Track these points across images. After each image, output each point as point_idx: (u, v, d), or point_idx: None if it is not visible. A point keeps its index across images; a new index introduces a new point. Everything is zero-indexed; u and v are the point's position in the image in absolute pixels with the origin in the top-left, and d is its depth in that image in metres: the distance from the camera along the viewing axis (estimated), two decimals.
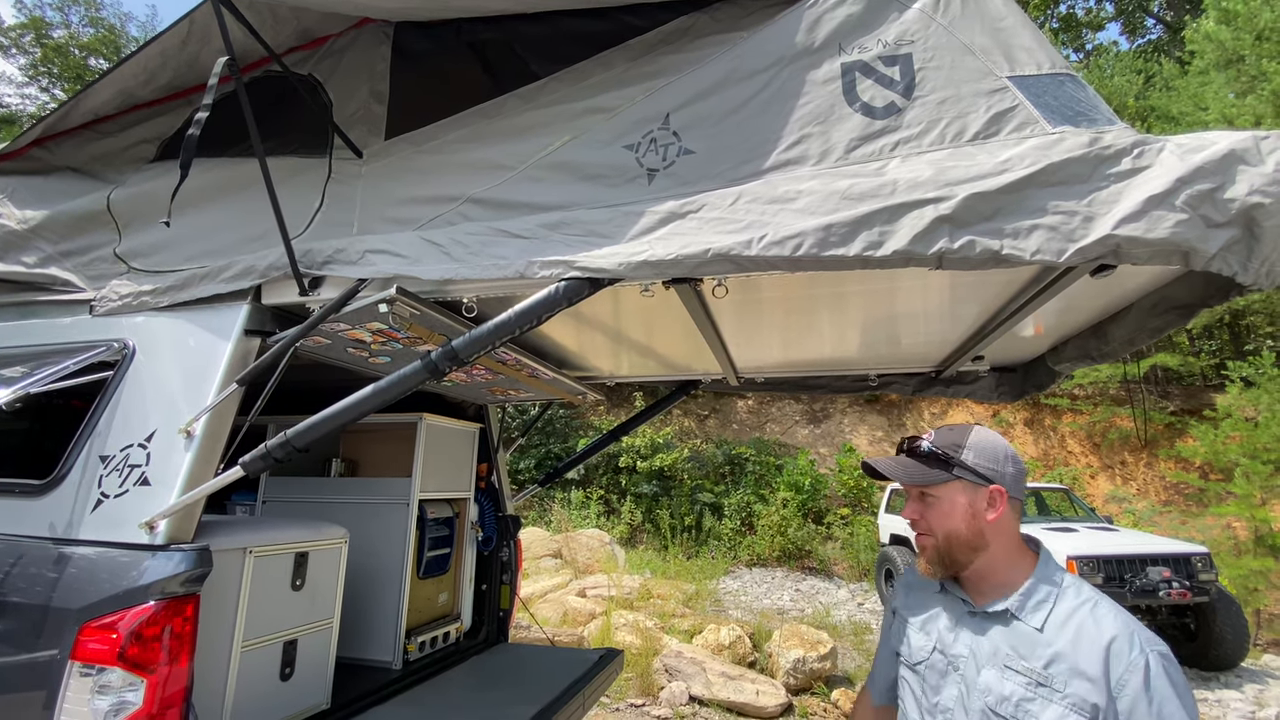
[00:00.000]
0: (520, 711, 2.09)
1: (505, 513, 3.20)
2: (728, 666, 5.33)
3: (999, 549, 1.16)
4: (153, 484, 1.58)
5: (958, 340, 2.33)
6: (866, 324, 2.21)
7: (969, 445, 1.19)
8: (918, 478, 1.21)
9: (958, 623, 1.20)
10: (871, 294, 1.91)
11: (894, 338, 2.35)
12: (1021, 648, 1.09)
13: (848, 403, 15.98)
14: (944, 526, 1.18)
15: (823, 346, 2.51)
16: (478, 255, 1.59)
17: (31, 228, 2.26)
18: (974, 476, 1.17)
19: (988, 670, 1.12)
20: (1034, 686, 1.05)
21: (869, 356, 2.61)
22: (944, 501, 1.18)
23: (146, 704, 1.38)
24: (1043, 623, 1.09)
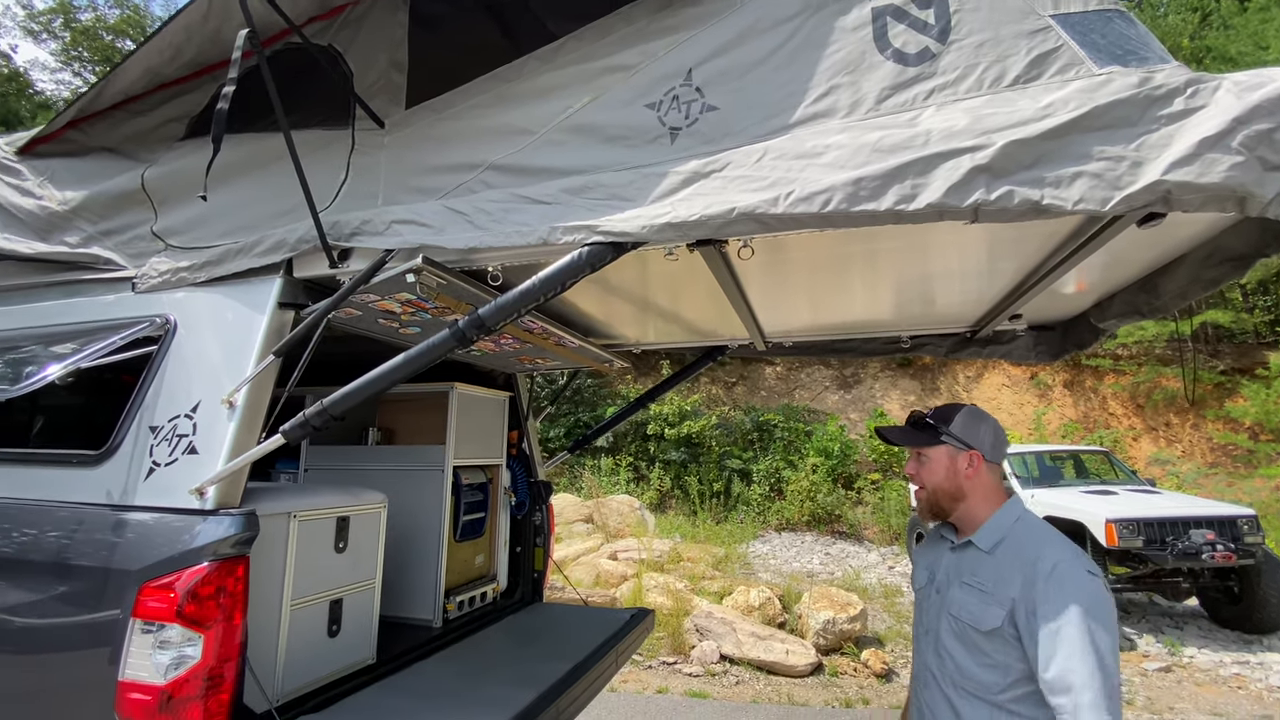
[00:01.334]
0: (555, 668, 2.16)
1: (536, 478, 3.26)
2: (757, 627, 5.42)
3: (976, 499, 1.46)
4: (200, 452, 1.64)
5: (994, 298, 2.26)
6: (898, 283, 2.15)
7: (957, 418, 1.49)
8: (913, 441, 1.54)
9: (944, 557, 1.52)
10: (904, 251, 1.86)
11: (927, 297, 2.28)
12: (976, 568, 1.40)
13: (879, 368, 15.74)
14: (931, 481, 1.49)
15: (852, 308, 2.46)
16: (501, 223, 1.59)
17: (72, 208, 2.32)
18: (956, 442, 1.47)
19: (953, 587, 1.43)
20: (979, 594, 1.36)
21: (901, 317, 2.55)
22: (932, 461, 1.49)
23: (205, 657, 1.46)
24: (992, 547, 1.40)
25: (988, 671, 1.32)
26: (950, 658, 1.39)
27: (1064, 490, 7.32)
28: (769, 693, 4.65)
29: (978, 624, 1.32)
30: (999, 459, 1.49)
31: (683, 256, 1.59)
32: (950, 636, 1.39)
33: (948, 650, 1.40)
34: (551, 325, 2.33)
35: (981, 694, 1.33)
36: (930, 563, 1.57)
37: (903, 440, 1.56)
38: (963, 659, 1.36)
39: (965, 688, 1.35)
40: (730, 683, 4.84)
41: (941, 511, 1.50)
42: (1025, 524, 1.42)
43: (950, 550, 1.50)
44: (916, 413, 1.59)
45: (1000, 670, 1.30)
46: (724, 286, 1.93)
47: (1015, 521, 1.42)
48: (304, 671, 1.87)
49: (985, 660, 1.32)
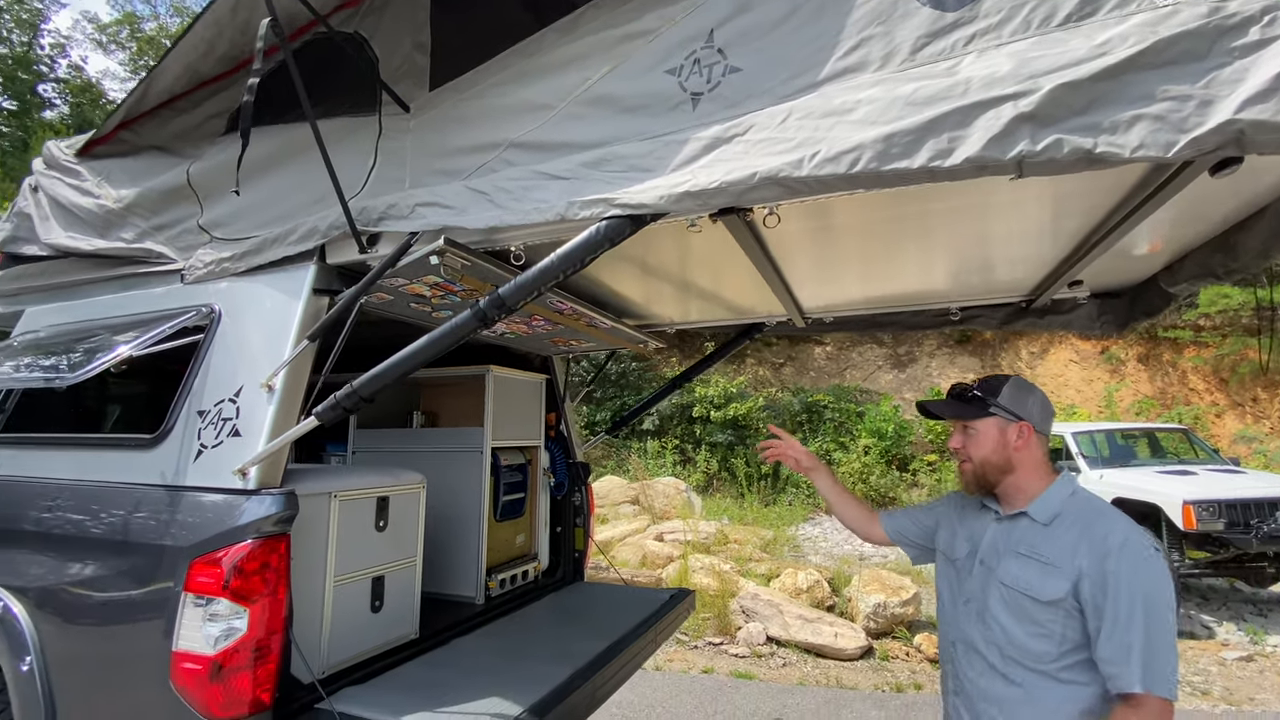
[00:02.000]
0: (592, 645, 2.18)
1: (575, 460, 3.28)
2: (805, 609, 5.35)
3: (1024, 471, 1.44)
4: (243, 434, 1.71)
5: (1051, 263, 2.10)
6: (945, 249, 2.02)
7: (1005, 389, 1.47)
8: (959, 414, 1.52)
9: (988, 528, 1.50)
10: (951, 214, 1.74)
11: (977, 263, 2.15)
12: (1033, 540, 1.39)
13: (935, 345, 15.15)
14: (980, 454, 1.47)
15: (896, 279, 2.34)
16: (520, 201, 1.57)
17: (126, 206, 2.43)
18: (1006, 414, 1.45)
19: (1006, 559, 1.42)
20: (1039, 565, 1.35)
21: (949, 287, 2.41)
22: (980, 434, 1.47)
23: (251, 630, 1.52)
24: (1050, 520, 1.39)
25: (1039, 641, 1.33)
26: (998, 625, 1.40)
27: (1137, 470, 6.89)
28: (816, 675, 4.59)
29: (1037, 594, 1.33)
30: (1047, 430, 1.49)
31: (707, 228, 1.54)
32: (1000, 606, 1.40)
33: (996, 620, 1.40)
34: (581, 306, 2.31)
35: (1029, 662, 1.34)
36: (971, 534, 1.55)
37: (948, 413, 1.55)
38: (1013, 628, 1.37)
39: (1012, 655, 1.37)
40: (777, 664, 4.80)
41: (988, 485, 1.48)
42: (1082, 498, 1.42)
43: (995, 521, 1.49)
44: (961, 385, 1.57)
45: (1054, 640, 1.32)
46: (754, 260, 1.86)
47: (1071, 495, 1.42)
48: (349, 645, 1.94)
49: (1037, 630, 1.33)
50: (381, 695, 1.77)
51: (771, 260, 1.92)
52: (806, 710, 3.96)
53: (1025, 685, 1.34)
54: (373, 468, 2.24)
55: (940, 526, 1.67)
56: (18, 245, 2.75)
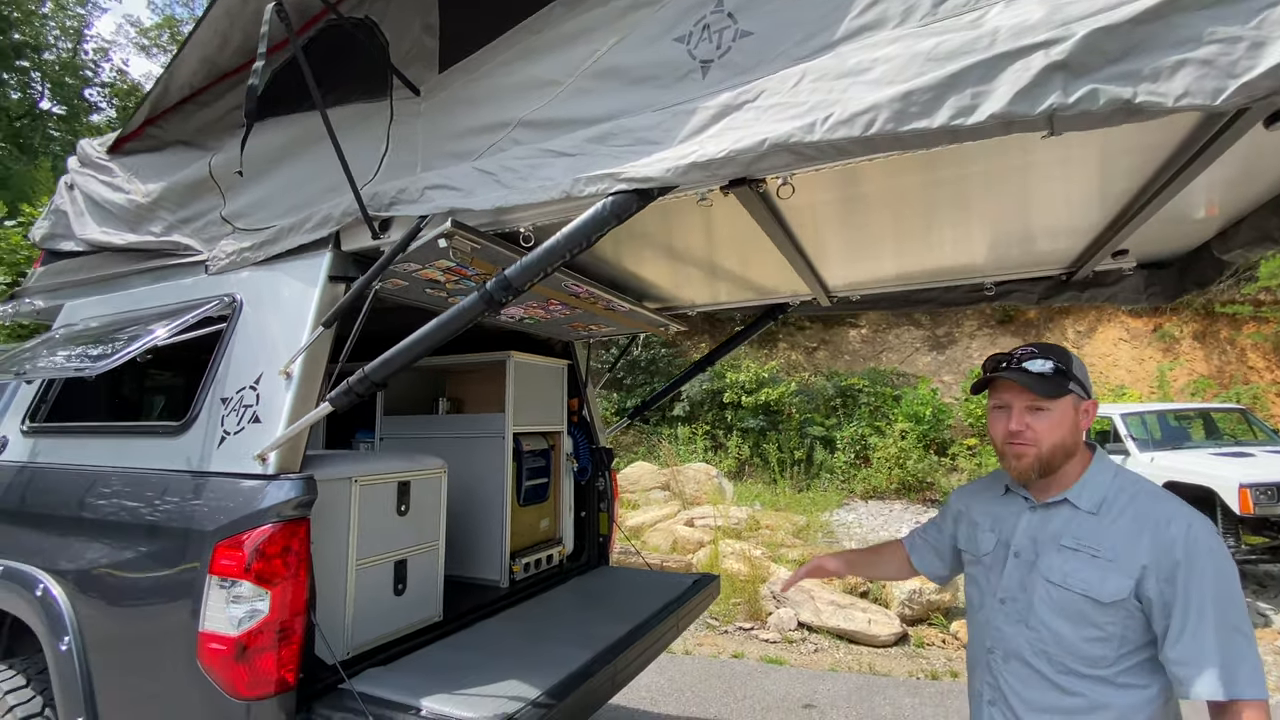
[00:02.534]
0: (614, 629, 2.17)
1: (598, 445, 3.27)
2: (837, 595, 5.27)
3: (1081, 454, 1.32)
4: (262, 421, 1.73)
5: (1094, 231, 1.98)
6: (977, 218, 1.92)
7: (1074, 362, 1.31)
8: (1045, 390, 1.27)
9: (1019, 518, 1.36)
10: (981, 179, 1.64)
11: (1012, 234, 2.03)
12: (1079, 531, 1.25)
13: (976, 325, 14.69)
14: (1055, 436, 1.27)
15: (925, 252, 2.24)
16: (526, 180, 1.53)
17: (154, 200, 2.49)
18: (1082, 391, 1.29)
19: (1048, 552, 1.27)
20: (1091, 559, 1.21)
21: (983, 260, 2.29)
22: (1056, 413, 1.27)
23: (273, 611, 1.55)
24: (1096, 507, 1.25)
25: (1096, 645, 1.20)
26: (1046, 629, 1.25)
27: (1190, 453, 6.56)
28: (849, 661, 4.53)
29: (1097, 594, 1.19)
30: None
31: (720, 203, 1.48)
32: (1049, 608, 1.25)
33: (1043, 622, 1.26)
34: (598, 289, 2.28)
35: (1085, 668, 1.21)
36: (996, 524, 1.41)
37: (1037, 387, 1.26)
38: (1065, 631, 1.22)
39: (1066, 662, 1.23)
40: (808, 650, 4.75)
41: (1051, 471, 1.30)
42: (1127, 480, 1.28)
43: (1030, 510, 1.34)
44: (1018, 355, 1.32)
45: (1112, 643, 1.19)
46: (771, 235, 1.79)
47: (1114, 478, 1.28)
48: (372, 627, 1.97)
49: (1095, 634, 1.20)
50: (403, 677, 1.79)
51: (790, 235, 1.85)
52: (838, 696, 3.91)
53: (1087, 694, 1.21)
54: (394, 453, 2.26)
55: (958, 526, 1.54)
56: (56, 241, 2.85)
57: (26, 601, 1.84)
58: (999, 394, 1.35)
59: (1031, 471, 1.29)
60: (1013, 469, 1.33)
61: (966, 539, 1.49)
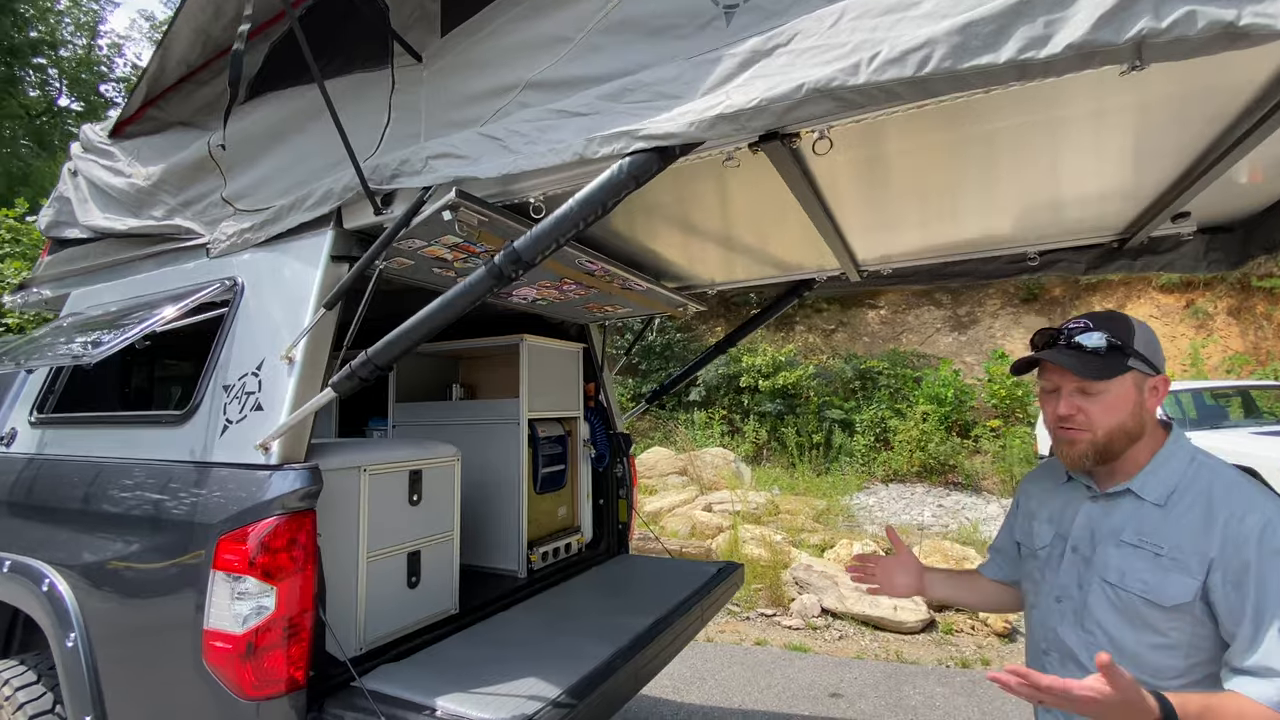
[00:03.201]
0: (636, 621, 2.08)
1: (616, 430, 3.17)
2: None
3: (1149, 437, 1.16)
4: (265, 409, 1.65)
5: (1153, 193, 1.81)
6: (1026, 179, 1.75)
7: (1137, 333, 1.15)
8: (1096, 371, 1.13)
9: (1079, 509, 1.23)
10: (1032, 131, 1.48)
11: (1063, 197, 1.87)
12: (1142, 524, 1.12)
13: (999, 304, 14.34)
14: (1110, 420, 1.13)
15: (964, 219, 2.08)
16: (535, 144, 1.42)
17: (155, 183, 2.41)
18: (1146, 367, 1.14)
19: (1106, 547, 1.15)
20: (1153, 558, 1.08)
21: (1026, 227, 2.13)
22: (1113, 395, 1.13)
23: (279, 608, 1.48)
24: (1165, 498, 1.11)
25: (1161, 654, 1.07)
26: (1103, 633, 1.12)
27: (1230, 433, 6.32)
28: (875, 649, 4.42)
29: (1158, 597, 1.06)
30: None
31: (747, 163, 1.35)
32: (1106, 609, 1.12)
33: (1100, 624, 1.13)
34: (614, 266, 2.16)
35: (1148, 678, 1.04)
36: (1054, 514, 1.28)
37: (1081, 368, 1.13)
38: (1125, 637, 1.10)
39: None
40: (833, 637, 4.65)
41: (1111, 457, 1.15)
42: (1203, 467, 1.12)
43: (1090, 500, 1.21)
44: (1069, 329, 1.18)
45: (1179, 651, 1.06)
46: (802, 200, 1.65)
47: (1189, 463, 1.12)
48: (385, 621, 1.89)
49: (1159, 640, 1.07)
50: (417, 673, 1.72)
51: (822, 201, 1.71)
52: (866, 685, 3.81)
53: None
54: (405, 440, 2.17)
55: (1017, 523, 1.42)
56: (60, 229, 2.79)
57: (33, 596, 1.79)
58: (1047, 375, 1.21)
59: (1085, 460, 1.16)
60: (1065, 457, 1.19)
61: (1023, 531, 1.37)
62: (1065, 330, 1.19)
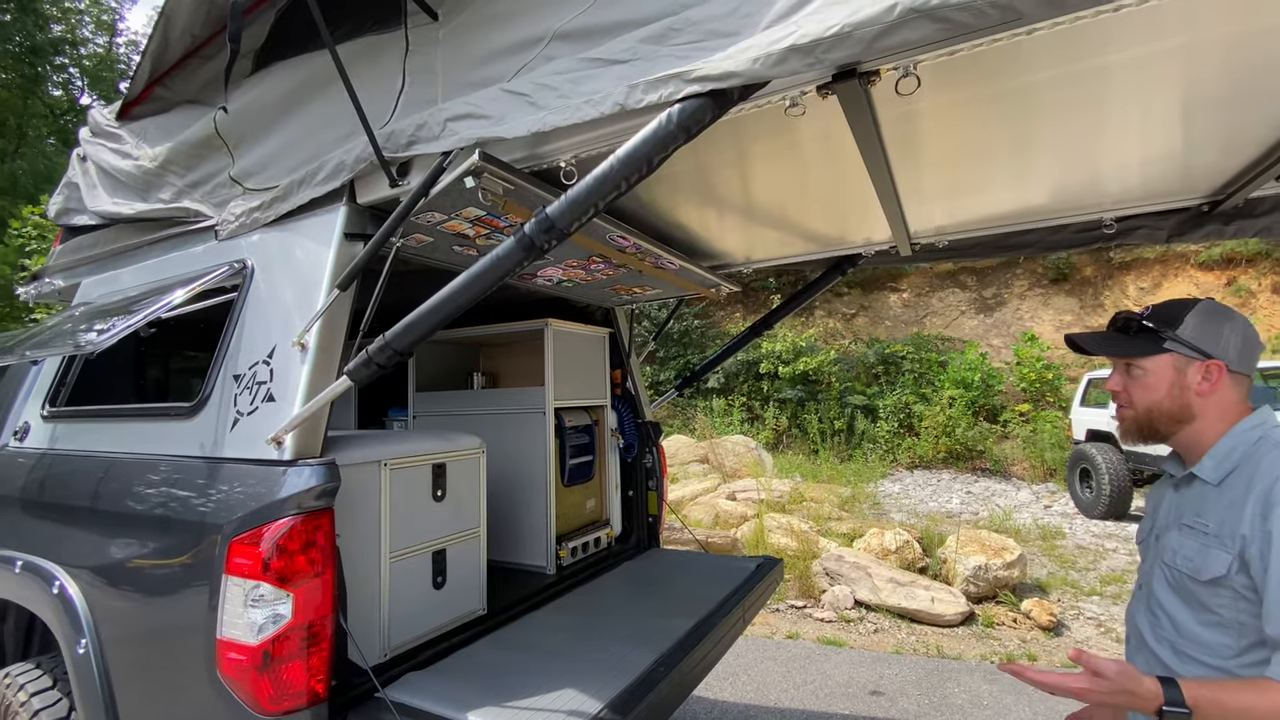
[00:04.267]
0: (675, 625, 1.94)
1: (644, 419, 3.02)
2: (896, 572, 4.98)
3: (1210, 420, 1.16)
4: (277, 399, 1.52)
5: (1255, 149, 1.60)
6: (1108, 132, 1.54)
7: (1189, 319, 1.17)
8: (1121, 350, 1.22)
9: (1165, 496, 1.27)
10: (1127, 69, 1.28)
11: (1149, 153, 1.66)
12: (1201, 506, 1.13)
13: (1027, 285, 13.94)
14: (1147, 399, 1.20)
15: (1037, 181, 1.86)
16: (568, 97, 1.26)
17: (161, 164, 2.29)
18: (1188, 350, 1.15)
19: (1170, 532, 1.19)
20: (1200, 536, 1.10)
21: (1105, 189, 1.91)
22: (1150, 375, 1.19)
23: (297, 616, 1.36)
24: (1221, 478, 1.11)
25: (1214, 631, 1.09)
26: (1165, 614, 1.17)
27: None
28: (913, 643, 4.26)
29: (1197, 573, 1.09)
30: (1250, 368, 1.17)
31: (813, 111, 1.17)
32: (1165, 589, 1.17)
33: (1161, 605, 1.18)
34: (646, 242, 2.00)
35: (1206, 658, 1.09)
36: (1154, 505, 1.32)
37: (1106, 349, 1.25)
38: (1181, 616, 1.14)
39: (1185, 650, 1.12)
40: (868, 630, 4.49)
41: (1155, 435, 1.22)
42: (1267, 443, 1.10)
43: (1172, 488, 1.25)
44: (1125, 315, 1.27)
45: (1232, 630, 1.06)
46: (867, 157, 1.47)
47: (1257, 441, 1.11)
48: (411, 625, 1.77)
49: (1210, 618, 1.09)
50: (446, 682, 1.59)
51: (886, 159, 1.53)
52: (906, 681, 3.65)
53: None
54: (427, 432, 2.05)
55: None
56: (69, 216, 2.70)
57: (45, 598, 1.70)
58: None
59: (1129, 435, 1.26)
60: (1119, 431, 1.30)
61: (1138, 530, 1.38)
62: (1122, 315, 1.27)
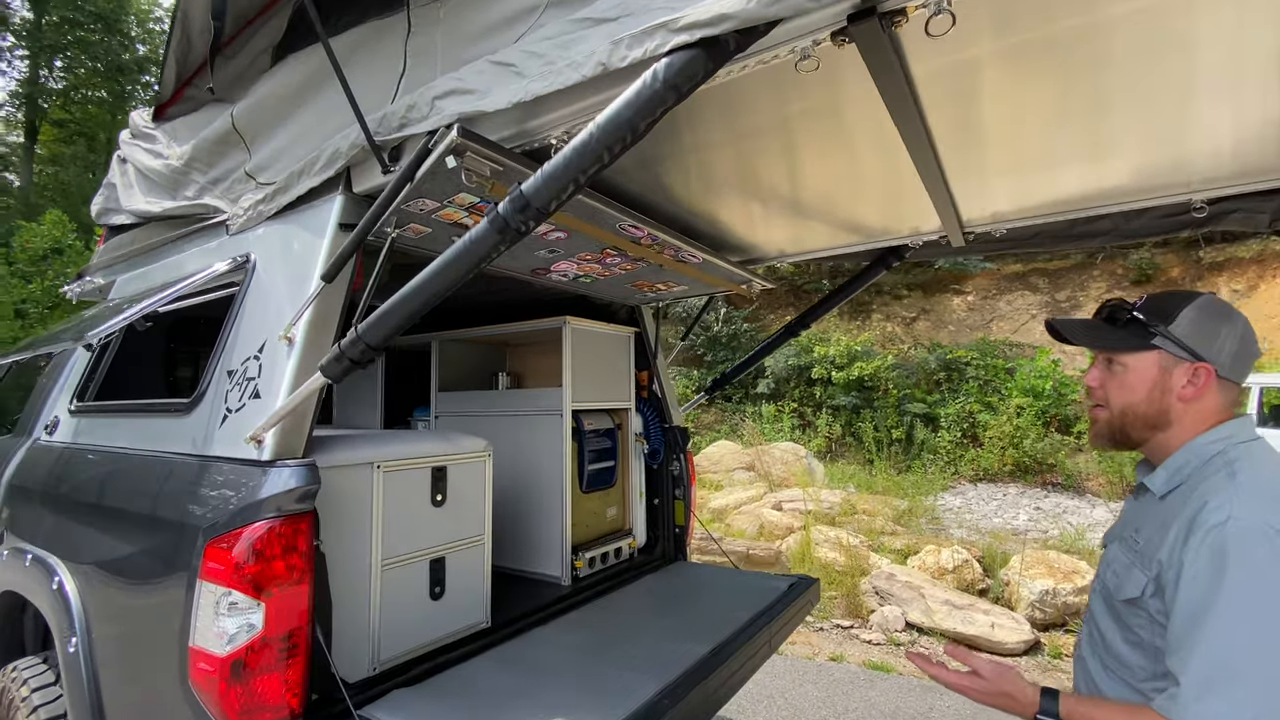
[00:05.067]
0: (690, 650, 1.78)
1: (672, 424, 2.86)
2: (953, 594, 4.62)
3: (1184, 428, 1.06)
4: (262, 396, 1.45)
5: None
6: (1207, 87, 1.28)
7: (1185, 314, 1.06)
8: (1102, 342, 1.12)
9: (1127, 508, 1.19)
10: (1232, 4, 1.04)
11: (1267, 113, 1.38)
12: (1142, 519, 1.08)
13: (1105, 288, 12.99)
14: (1123, 399, 1.10)
15: (1114, 155, 1.58)
16: (553, 62, 1.12)
17: (186, 162, 2.31)
18: (1178, 349, 1.05)
19: (1114, 543, 1.13)
20: (1130, 554, 1.05)
21: (1198, 163, 1.62)
22: (1131, 372, 1.09)
23: (268, 626, 1.28)
24: (1166, 492, 1.04)
25: (1133, 651, 1.03)
26: (1097, 627, 1.13)
27: None
28: None
29: (1118, 590, 1.05)
30: (1240, 376, 1.06)
31: (829, 65, 1.00)
32: (1099, 601, 1.13)
33: (1094, 617, 1.14)
34: (662, 232, 1.84)
35: (1127, 677, 1.04)
36: (1119, 518, 1.22)
37: (1087, 338, 1.14)
38: (1109, 631, 1.09)
39: (1110, 666, 1.08)
40: None
41: (1126, 440, 1.12)
42: (1222, 459, 0.99)
43: (1134, 498, 1.17)
44: (1114, 303, 1.14)
45: (1148, 652, 1.00)
46: (901, 122, 1.27)
47: (1212, 458, 1.00)
48: (404, 638, 1.68)
49: (1130, 636, 1.04)
50: (431, 703, 1.49)
51: (925, 128, 1.32)
52: (961, 715, 3.34)
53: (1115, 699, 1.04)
54: (428, 434, 1.96)
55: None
56: (108, 216, 2.77)
57: (46, 593, 1.69)
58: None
59: (1100, 439, 1.15)
60: (1090, 435, 1.20)
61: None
62: (1109, 303, 1.14)
